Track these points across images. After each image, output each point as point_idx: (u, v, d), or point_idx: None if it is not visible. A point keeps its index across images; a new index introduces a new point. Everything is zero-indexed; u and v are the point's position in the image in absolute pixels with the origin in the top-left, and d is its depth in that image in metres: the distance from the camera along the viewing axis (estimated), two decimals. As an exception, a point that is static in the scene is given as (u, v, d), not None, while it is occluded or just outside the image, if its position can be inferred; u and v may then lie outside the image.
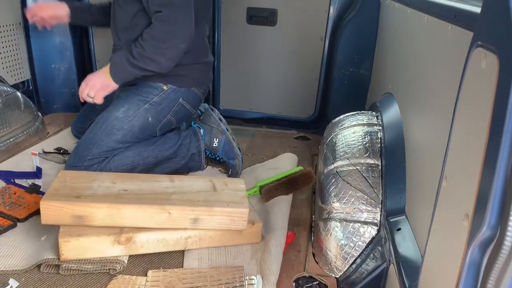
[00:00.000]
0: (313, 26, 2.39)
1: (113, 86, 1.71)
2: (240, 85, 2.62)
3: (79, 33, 2.55)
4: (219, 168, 1.98)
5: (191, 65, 1.83)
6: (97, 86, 1.71)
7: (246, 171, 1.96)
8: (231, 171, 1.90)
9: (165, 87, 1.81)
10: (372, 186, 1.38)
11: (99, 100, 1.72)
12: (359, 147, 1.49)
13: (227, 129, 1.92)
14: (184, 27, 1.61)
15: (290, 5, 2.39)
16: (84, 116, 2.11)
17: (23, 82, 2.42)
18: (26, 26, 2.37)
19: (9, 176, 1.76)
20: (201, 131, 1.91)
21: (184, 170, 1.91)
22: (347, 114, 1.73)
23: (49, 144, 2.12)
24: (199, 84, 1.89)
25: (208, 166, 1.97)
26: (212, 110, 1.97)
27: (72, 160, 1.75)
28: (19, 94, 2.07)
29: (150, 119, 1.80)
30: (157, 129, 1.84)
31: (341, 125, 1.65)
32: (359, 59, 2.28)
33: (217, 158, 1.93)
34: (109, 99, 1.95)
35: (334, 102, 2.40)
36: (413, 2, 1.45)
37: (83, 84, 1.73)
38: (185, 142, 1.89)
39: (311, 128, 2.55)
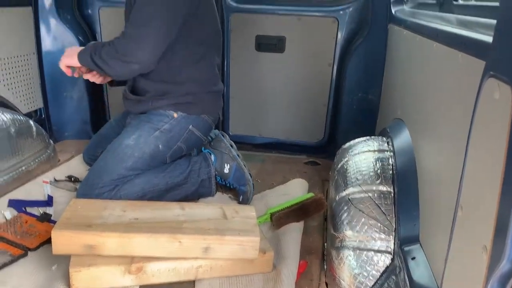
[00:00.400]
0: (321, 52, 2.42)
1: (75, 62, 1.75)
2: (249, 111, 2.64)
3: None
4: (229, 195, 1.97)
5: (201, 94, 1.85)
6: (65, 54, 1.79)
7: (256, 197, 1.96)
8: (242, 197, 1.90)
9: (175, 115, 1.83)
10: (385, 214, 1.37)
11: (61, 65, 1.79)
12: (370, 173, 1.48)
13: (238, 155, 1.93)
14: (145, 51, 1.62)
15: (298, 32, 2.43)
16: (96, 143, 2.13)
17: (35, 111, 2.46)
18: (40, 55, 2.43)
19: (20, 205, 1.77)
20: (212, 157, 1.91)
21: (194, 196, 1.90)
22: (357, 140, 1.72)
23: (61, 171, 2.13)
24: (209, 111, 1.90)
25: (218, 192, 1.97)
26: (223, 136, 1.97)
27: (83, 189, 1.76)
28: (31, 122, 2.10)
29: (160, 146, 1.80)
30: (168, 156, 1.85)
31: (352, 151, 1.64)
32: (367, 85, 2.29)
33: (228, 184, 1.93)
34: (122, 127, 1.97)
35: (343, 127, 2.41)
36: (421, 30, 1.46)
37: None
38: (195, 168, 1.89)
39: (320, 153, 2.54)
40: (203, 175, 1.89)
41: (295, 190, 1.98)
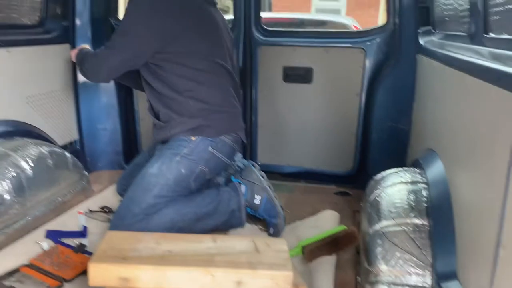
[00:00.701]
0: (349, 82, 2.43)
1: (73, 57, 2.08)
2: (277, 140, 2.66)
3: (124, 93, 2.68)
4: (259, 226, 1.97)
5: (213, 115, 1.86)
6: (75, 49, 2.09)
7: (286, 229, 1.95)
8: (273, 230, 1.89)
9: (193, 138, 1.85)
10: (420, 248, 1.34)
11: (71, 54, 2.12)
12: (404, 206, 1.46)
13: (269, 186, 1.93)
14: (99, 69, 1.84)
15: (326, 63, 2.46)
16: (128, 174, 2.18)
17: (71, 142, 2.55)
18: (76, 89, 2.53)
19: (57, 236, 1.82)
20: (242, 187, 1.92)
21: (225, 227, 1.91)
22: (389, 171, 1.71)
23: (95, 202, 2.18)
24: (225, 131, 1.90)
25: (247, 223, 1.97)
26: (254, 166, 1.98)
27: (115, 220, 1.80)
28: (68, 154, 2.17)
29: (183, 170, 1.83)
30: (192, 181, 1.86)
31: (384, 183, 1.63)
32: (396, 114, 2.28)
33: (258, 216, 1.93)
34: (148, 159, 2.02)
35: (373, 157, 2.39)
36: (453, 62, 1.46)
37: None
38: (224, 198, 1.91)
39: (350, 183, 2.52)
40: (232, 205, 1.90)
41: (326, 222, 1.96)
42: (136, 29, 1.72)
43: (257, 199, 1.91)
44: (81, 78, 2.53)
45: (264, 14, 2.62)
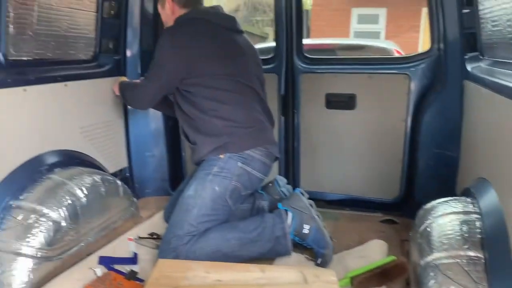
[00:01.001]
0: (394, 108, 2.41)
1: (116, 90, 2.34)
2: (320, 167, 2.66)
3: (171, 121, 2.77)
4: (306, 255, 1.96)
5: (238, 131, 1.93)
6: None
7: (334, 259, 1.92)
8: (321, 260, 1.87)
9: (221, 156, 1.92)
10: (476, 282, 1.29)
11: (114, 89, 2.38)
12: (457, 237, 1.42)
13: (317, 216, 1.92)
14: (142, 97, 2.11)
15: (369, 89, 2.45)
16: (174, 201, 2.24)
17: (120, 170, 2.65)
18: (126, 119, 2.64)
19: (109, 262, 1.88)
20: (289, 214, 1.92)
21: (271, 254, 1.91)
22: (439, 200, 1.67)
23: (143, 229, 2.25)
24: (251, 146, 1.94)
25: (293, 252, 1.96)
26: (302, 194, 1.99)
27: (163, 245, 1.87)
28: (119, 182, 2.26)
29: (217, 188, 1.89)
30: (227, 198, 1.91)
31: (435, 213, 1.59)
32: (444, 140, 2.23)
33: (306, 245, 1.92)
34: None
35: (420, 184, 2.34)
36: (504, 90, 1.43)
37: None
38: (268, 225, 1.91)
39: (397, 211, 2.47)
40: (277, 232, 1.91)
41: (374, 252, 1.92)
42: (164, 61, 1.95)
43: (306, 229, 1.91)
44: (132, 110, 2.65)
45: (303, 41, 2.66)
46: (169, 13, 2.09)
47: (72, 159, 2.18)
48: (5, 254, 1.71)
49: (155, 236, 2.15)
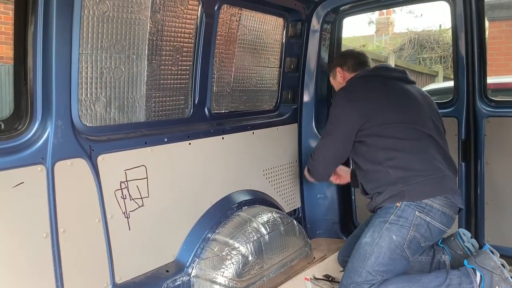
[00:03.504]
0: None
1: None
2: (509, 219, 2.39)
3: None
4: (495, 318, 1.77)
5: (414, 180, 1.87)
6: None
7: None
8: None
9: (398, 204, 1.89)
10: None
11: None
12: None
13: (511, 277, 1.75)
14: (318, 168, 2.19)
15: None
16: (348, 245, 2.27)
17: (294, 210, 2.81)
18: (300, 161, 2.82)
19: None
20: (478, 274, 1.78)
21: (454, 316, 1.78)
22: None
23: (317, 269, 2.33)
24: (429, 195, 1.87)
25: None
26: (492, 253, 1.83)
27: (341, 289, 1.90)
28: (295, 222, 2.41)
29: (394, 237, 1.85)
30: (405, 248, 1.86)
31: None
32: None
33: (496, 308, 1.75)
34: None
35: None
36: None
37: None
38: (454, 282, 1.80)
39: None
40: None
41: None
42: (340, 114, 2.03)
43: (498, 291, 1.74)
44: (305, 154, 2.81)
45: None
46: (341, 81, 2.23)
47: (256, 198, 2.42)
48: (203, 281, 1.99)
49: (330, 279, 2.21)
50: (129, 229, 1.79)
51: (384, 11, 12.59)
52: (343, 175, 2.36)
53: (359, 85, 2.07)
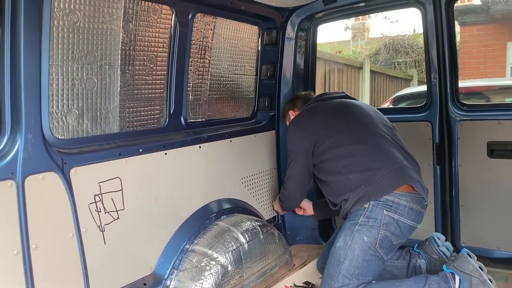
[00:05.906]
0: None
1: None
2: (484, 220, 2.44)
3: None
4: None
5: (373, 178, 1.93)
6: None
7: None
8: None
9: (366, 205, 1.93)
10: None
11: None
12: None
13: (490, 280, 1.77)
14: (294, 194, 2.35)
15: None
16: (325, 252, 2.28)
17: (274, 217, 2.81)
18: (279, 167, 2.81)
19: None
20: (457, 278, 1.80)
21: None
22: None
23: (297, 277, 2.33)
24: (393, 186, 1.92)
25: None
26: (470, 256, 1.86)
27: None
28: (275, 230, 2.40)
29: (365, 238, 1.89)
30: (377, 248, 1.89)
31: None
32: None
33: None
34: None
35: None
36: None
37: None
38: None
39: None
40: None
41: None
42: (296, 144, 2.19)
43: (477, 295, 1.76)
44: (283, 160, 2.82)
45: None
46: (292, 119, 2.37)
47: (235, 207, 2.41)
48: (181, 294, 1.95)
49: (310, 286, 2.21)
50: (105, 243, 1.75)
51: (360, 16, 12.77)
52: (306, 207, 2.53)
53: (302, 116, 2.27)
